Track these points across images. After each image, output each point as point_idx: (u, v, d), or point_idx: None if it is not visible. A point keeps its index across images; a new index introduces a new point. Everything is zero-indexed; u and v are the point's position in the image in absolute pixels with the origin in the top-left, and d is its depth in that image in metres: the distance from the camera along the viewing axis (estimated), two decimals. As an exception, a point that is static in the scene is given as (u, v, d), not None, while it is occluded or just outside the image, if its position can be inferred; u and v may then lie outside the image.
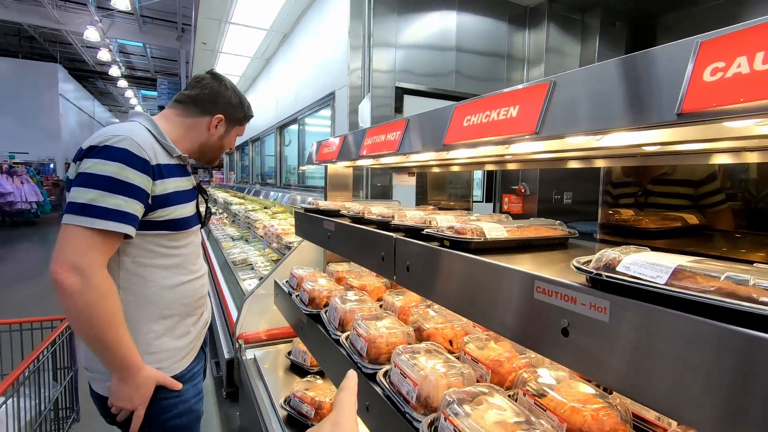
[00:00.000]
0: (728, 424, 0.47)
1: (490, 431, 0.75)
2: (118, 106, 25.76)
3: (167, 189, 1.19)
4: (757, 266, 0.57)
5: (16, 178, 11.29)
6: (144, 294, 1.17)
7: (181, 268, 1.26)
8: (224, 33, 5.42)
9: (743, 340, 0.46)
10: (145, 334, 1.17)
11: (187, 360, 1.28)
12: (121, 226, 1.05)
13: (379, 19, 3.36)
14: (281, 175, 6.09)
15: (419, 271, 1.09)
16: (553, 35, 3.99)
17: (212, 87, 1.35)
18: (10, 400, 1.09)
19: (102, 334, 1.03)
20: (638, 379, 0.57)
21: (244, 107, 1.44)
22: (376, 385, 1.11)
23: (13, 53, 14.95)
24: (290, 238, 3.27)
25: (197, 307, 1.33)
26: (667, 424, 0.87)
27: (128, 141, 1.09)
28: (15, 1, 10.93)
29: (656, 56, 0.62)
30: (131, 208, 1.07)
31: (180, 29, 11.75)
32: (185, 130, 1.33)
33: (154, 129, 1.24)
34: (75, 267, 0.99)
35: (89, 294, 1.00)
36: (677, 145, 0.94)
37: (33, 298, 5.19)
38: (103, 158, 1.06)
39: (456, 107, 1.09)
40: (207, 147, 1.39)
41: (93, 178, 1.04)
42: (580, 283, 0.66)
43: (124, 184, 1.06)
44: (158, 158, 1.18)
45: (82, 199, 1.02)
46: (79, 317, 1.01)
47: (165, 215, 1.18)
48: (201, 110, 1.34)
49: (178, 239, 1.24)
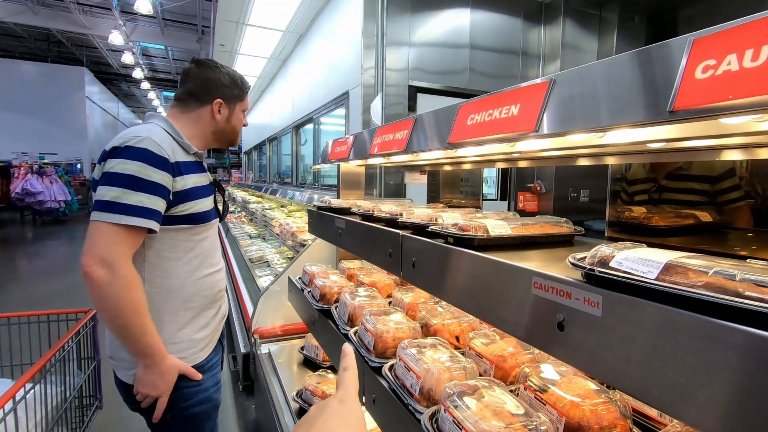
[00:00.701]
0: (715, 415, 0.48)
1: (489, 423, 0.76)
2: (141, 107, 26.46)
3: (187, 184, 1.25)
4: (749, 262, 0.57)
5: (46, 178, 11.73)
6: (167, 286, 1.24)
7: (201, 261, 1.32)
8: (242, 35, 5.52)
9: (728, 333, 0.47)
10: (168, 324, 1.24)
11: (207, 351, 1.35)
12: (145, 221, 1.12)
13: (392, 18, 3.37)
14: (297, 174, 6.17)
15: (424, 267, 1.11)
16: (570, 31, 3.93)
17: (200, 75, 1.38)
18: (38, 386, 1.16)
19: (128, 321, 1.10)
20: (630, 373, 0.58)
21: (238, 83, 1.45)
22: (382, 379, 1.13)
23: (42, 58, 15.53)
24: (305, 235, 3.32)
25: (216, 300, 1.39)
26: (668, 420, 0.87)
27: (148, 141, 1.16)
28: (44, 7, 11.35)
29: (651, 54, 0.63)
30: (153, 204, 1.14)
31: (200, 31, 12.00)
32: (193, 123, 1.37)
33: (170, 129, 1.29)
34: (103, 260, 1.06)
35: (116, 284, 1.07)
36: (683, 141, 0.93)
37: (61, 291, 5.42)
38: (125, 158, 1.13)
39: (461, 106, 1.10)
40: (219, 132, 1.43)
41: (117, 177, 1.11)
42: (575, 279, 0.67)
43: (146, 182, 1.13)
44: (176, 156, 1.24)
45: (107, 197, 1.09)
46: (106, 306, 1.08)
47: (186, 210, 1.25)
48: (199, 101, 1.38)
49: (198, 233, 1.31)
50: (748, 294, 0.48)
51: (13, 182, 11.56)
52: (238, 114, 1.47)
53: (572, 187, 3.75)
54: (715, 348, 0.48)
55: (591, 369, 0.64)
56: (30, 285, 5.84)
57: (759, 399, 0.44)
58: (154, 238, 1.21)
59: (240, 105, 1.46)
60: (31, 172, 11.57)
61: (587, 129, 0.73)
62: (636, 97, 0.64)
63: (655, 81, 0.61)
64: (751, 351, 0.45)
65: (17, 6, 11.08)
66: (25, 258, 7.64)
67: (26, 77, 14.87)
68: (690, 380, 0.50)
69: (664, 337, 0.53)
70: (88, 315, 1.56)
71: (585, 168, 1.39)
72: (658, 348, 0.54)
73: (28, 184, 11.27)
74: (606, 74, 0.70)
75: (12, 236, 9.92)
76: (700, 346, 0.49)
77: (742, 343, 0.45)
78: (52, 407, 1.26)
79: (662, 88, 0.60)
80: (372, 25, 3.35)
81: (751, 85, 0.49)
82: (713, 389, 0.48)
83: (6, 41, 14.51)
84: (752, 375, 0.45)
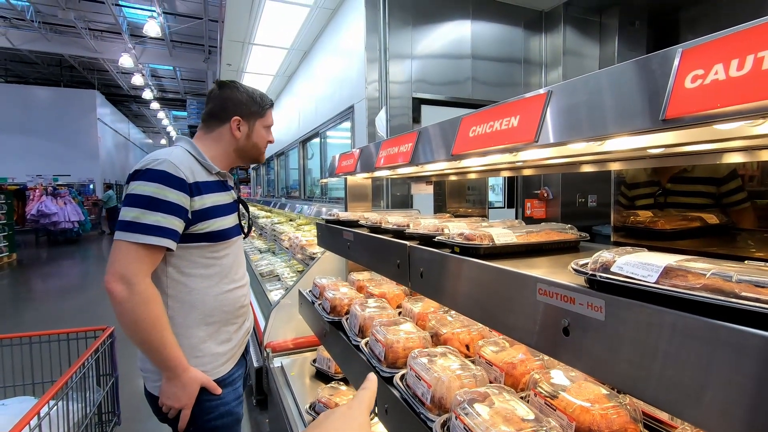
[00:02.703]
0: (718, 415, 0.49)
1: (499, 429, 0.77)
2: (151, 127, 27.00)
3: (206, 204, 1.29)
4: (747, 263, 0.59)
5: (60, 199, 11.99)
6: (188, 301, 1.29)
7: (222, 277, 1.35)
8: (248, 54, 5.65)
9: (725, 333, 0.48)
10: (190, 338, 1.29)
11: (229, 365, 1.38)
12: (161, 240, 1.17)
13: (394, 31, 3.44)
14: (305, 188, 6.24)
15: (432, 277, 1.13)
16: (570, 38, 3.97)
17: (219, 96, 1.43)
18: (61, 402, 1.20)
19: (148, 335, 1.15)
20: (634, 375, 0.59)
21: (256, 99, 1.47)
22: (393, 389, 1.15)
23: (55, 82, 15.99)
24: (314, 249, 3.35)
25: (238, 315, 1.42)
26: (679, 423, 0.87)
27: (166, 163, 1.22)
28: (57, 33, 11.72)
29: (643, 65, 0.66)
30: (170, 223, 1.19)
31: (207, 52, 12.28)
32: (215, 143, 1.42)
33: (194, 150, 1.35)
34: (122, 277, 1.13)
35: (134, 300, 1.13)
36: (683, 146, 0.95)
37: (77, 310, 5.51)
38: (144, 180, 1.19)
39: (463, 118, 1.13)
40: (241, 150, 1.46)
41: (136, 198, 1.18)
42: (578, 284, 0.69)
43: (163, 202, 1.18)
44: (196, 176, 1.28)
45: (127, 217, 1.16)
46: (126, 321, 1.14)
47: (205, 228, 1.29)
48: (219, 120, 1.42)
49: (219, 250, 1.34)
50: (744, 294, 0.49)
51: (29, 204, 11.83)
52: (259, 130, 1.49)
53: (579, 193, 3.74)
54: (713, 348, 0.49)
55: (597, 373, 0.65)
56: (47, 304, 5.94)
57: (761, 397, 0.45)
58: (174, 255, 1.26)
59: (261, 121, 1.49)
60: (46, 193, 11.84)
61: (585, 138, 0.75)
62: (630, 106, 0.66)
63: (648, 90, 0.64)
64: (749, 350, 0.46)
65: (31, 33, 11.47)
66: (41, 278, 7.78)
67: (40, 102, 15.31)
68: (692, 381, 0.51)
69: (665, 339, 0.54)
70: (106, 332, 1.60)
71: (591, 174, 1.40)
72: (659, 350, 0.55)
73: (42, 205, 11.52)
74: (601, 85, 0.73)
75: (28, 257, 10.12)
76: (700, 347, 0.51)
77: (740, 343, 0.47)
78: (74, 423, 1.30)
79: (654, 98, 0.62)
80: (375, 40, 3.42)
81: (738, 94, 0.51)
82: (715, 389, 0.49)
83: (20, 68, 14.99)
84: (752, 374, 0.46)
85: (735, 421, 0.47)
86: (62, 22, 11.07)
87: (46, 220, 11.58)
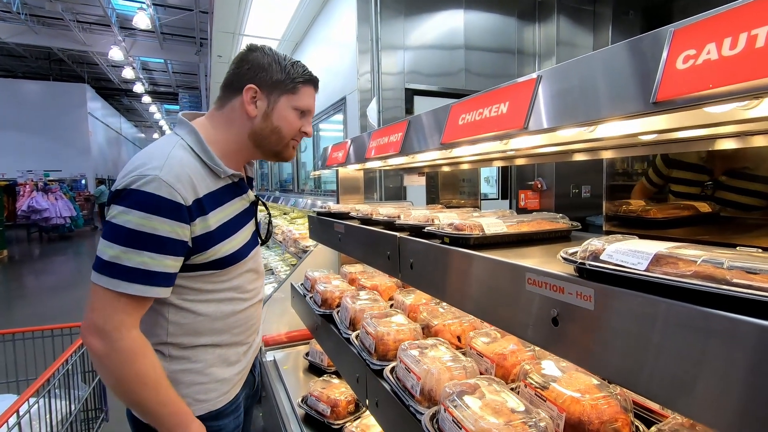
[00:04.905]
0: (709, 405, 0.48)
1: (488, 421, 0.76)
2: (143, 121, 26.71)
3: (210, 226, 1.01)
4: (739, 249, 0.57)
5: (51, 195, 11.84)
6: (193, 328, 1.06)
7: (233, 299, 1.11)
8: (238, 45, 5.58)
9: (715, 320, 0.47)
10: (195, 362, 1.07)
11: (233, 392, 1.16)
12: (147, 290, 0.91)
13: (386, 22, 3.39)
14: (299, 181, 6.19)
15: (422, 268, 1.11)
16: (564, 27, 3.94)
17: (238, 59, 1.09)
18: (43, 399, 1.17)
19: (137, 396, 0.93)
20: (623, 364, 0.58)
21: (284, 66, 1.08)
22: (384, 381, 1.13)
23: (44, 76, 15.74)
24: (307, 242, 3.33)
25: (249, 335, 1.19)
26: (670, 413, 0.86)
27: (156, 183, 0.91)
28: (45, 26, 11.51)
29: (634, 47, 0.63)
30: (160, 265, 0.92)
31: (198, 44, 12.12)
32: (226, 126, 1.09)
33: (198, 145, 1.03)
34: (100, 330, 0.90)
35: (115, 358, 0.90)
36: (675, 132, 0.93)
37: (69, 307, 5.45)
38: (127, 206, 0.91)
39: (452, 106, 1.11)
40: (257, 135, 1.09)
41: (116, 231, 0.90)
42: (567, 273, 0.67)
43: (150, 237, 0.91)
44: (198, 190, 0.99)
45: (105, 255, 0.90)
46: (110, 380, 0.93)
47: (210, 256, 1.02)
48: (232, 91, 1.07)
49: (228, 273, 1.08)
50: (736, 281, 0.48)
51: (19, 200, 11.69)
52: (284, 110, 1.09)
53: (573, 184, 3.74)
54: (704, 337, 0.48)
55: (586, 362, 0.64)
56: (38, 301, 5.88)
57: (752, 386, 0.44)
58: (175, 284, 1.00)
59: (288, 99, 1.09)
60: (37, 189, 11.69)
61: (575, 124, 0.73)
62: (621, 90, 0.64)
63: (639, 73, 0.62)
64: (739, 337, 0.44)
65: (18, 26, 11.25)
66: (32, 275, 7.71)
67: (29, 96, 15.08)
68: (682, 370, 0.50)
69: (655, 328, 0.53)
70: (92, 328, 1.58)
71: (585, 164, 1.37)
72: (649, 339, 0.54)
73: (33, 201, 11.38)
74: (592, 68, 0.71)
75: (19, 253, 10.01)
76: (691, 336, 0.49)
77: (732, 331, 0.45)
78: (58, 421, 1.27)
79: (646, 80, 0.60)
80: (366, 30, 3.38)
81: (730, 73, 0.49)
82: (705, 379, 0.47)
83: (8, 61, 14.72)
84: (741, 361, 0.44)
85: (726, 410, 0.46)
86: (50, 14, 10.87)
87: (37, 216, 11.45)
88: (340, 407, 1.71)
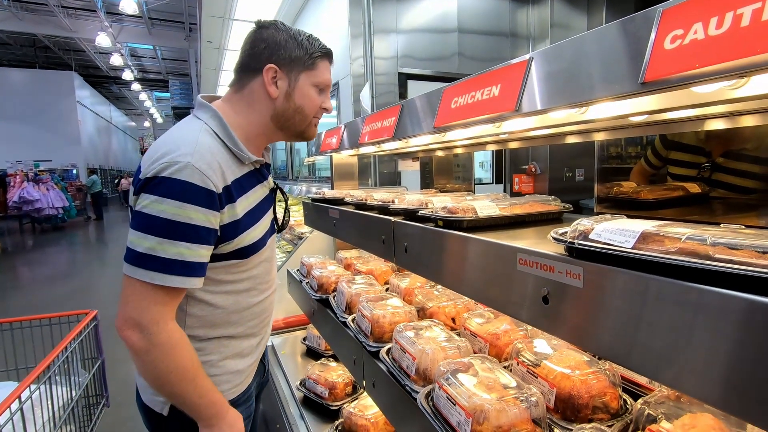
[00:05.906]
0: (694, 375, 0.50)
1: (481, 396, 0.79)
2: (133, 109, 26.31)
3: (237, 214, 1.00)
4: (723, 226, 0.59)
5: (42, 186, 11.72)
6: (210, 320, 1.06)
7: (251, 290, 1.11)
8: (229, 30, 5.48)
9: (699, 295, 0.48)
10: (209, 354, 1.07)
11: (245, 384, 1.16)
12: (185, 281, 0.90)
13: (378, 5, 3.35)
14: (293, 168, 6.17)
15: (416, 251, 1.13)
16: (558, 9, 3.90)
17: (252, 37, 1.06)
18: (44, 386, 1.18)
19: (177, 388, 0.94)
20: (611, 340, 0.59)
21: (301, 41, 1.05)
22: (380, 363, 1.16)
23: (30, 64, 15.40)
24: (302, 228, 3.33)
25: (263, 327, 1.20)
26: (657, 386, 0.89)
27: (189, 169, 0.89)
28: (28, 12, 11.22)
29: (623, 27, 0.64)
30: (196, 255, 0.91)
31: (187, 29, 11.89)
32: (248, 109, 1.07)
33: (223, 131, 1.01)
34: (137, 324, 0.88)
35: (155, 352, 0.90)
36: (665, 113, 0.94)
37: (64, 296, 5.46)
38: (161, 195, 0.88)
39: (444, 90, 1.11)
40: (280, 116, 1.07)
41: (151, 222, 0.88)
42: (558, 253, 0.69)
43: (186, 227, 0.89)
44: (226, 176, 0.97)
45: (140, 247, 0.88)
46: (150, 375, 0.93)
47: (235, 245, 1.01)
48: (249, 72, 1.05)
49: (249, 263, 1.07)
50: (718, 257, 0.49)
51: (10, 191, 11.56)
52: (305, 88, 1.07)
53: (567, 167, 3.75)
54: (688, 311, 0.49)
55: (575, 339, 0.66)
56: (33, 292, 5.87)
57: (729, 355, 0.46)
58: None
59: (308, 75, 1.07)
60: (27, 180, 11.55)
61: (566, 105, 0.74)
62: (611, 70, 0.65)
63: (628, 54, 0.62)
64: (722, 310, 0.46)
65: (2, 12, 10.95)
66: (26, 265, 7.67)
67: (15, 84, 14.78)
68: (666, 343, 0.52)
69: (641, 303, 0.55)
70: (90, 316, 1.59)
71: (578, 148, 1.37)
72: (636, 314, 0.55)
73: (24, 192, 11.25)
74: (582, 49, 0.71)
75: (12, 245, 9.94)
76: (675, 310, 0.51)
77: (714, 304, 0.47)
78: (59, 407, 1.29)
79: (634, 61, 0.61)
80: (358, 14, 3.33)
81: (716, 53, 0.50)
82: (689, 350, 0.49)
83: (-8, 49, 14.39)
84: (723, 333, 0.46)
85: (709, 380, 0.48)
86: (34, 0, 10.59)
87: (29, 207, 11.34)
88: (338, 389, 1.74)
